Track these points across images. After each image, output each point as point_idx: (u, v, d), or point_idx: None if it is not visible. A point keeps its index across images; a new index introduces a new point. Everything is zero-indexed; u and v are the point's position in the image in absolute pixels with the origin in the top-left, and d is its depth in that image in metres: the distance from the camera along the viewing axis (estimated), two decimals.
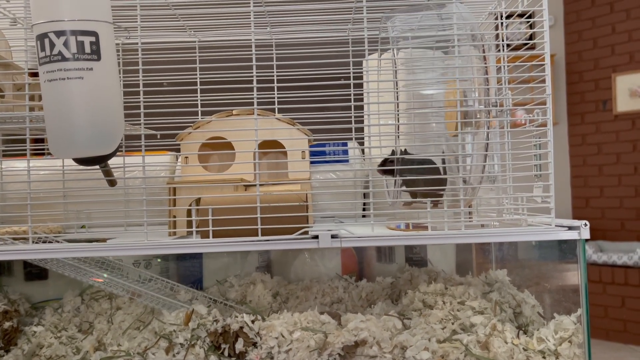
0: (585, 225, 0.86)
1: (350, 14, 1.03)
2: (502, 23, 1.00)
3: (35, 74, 0.88)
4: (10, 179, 1.11)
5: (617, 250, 3.31)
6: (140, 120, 0.94)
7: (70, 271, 1.02)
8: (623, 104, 3.52)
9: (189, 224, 0.96)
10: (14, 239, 0.90)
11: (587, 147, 3.70)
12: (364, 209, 1.23)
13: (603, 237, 3.57)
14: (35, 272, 1.18)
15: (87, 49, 0.76)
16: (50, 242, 0.92)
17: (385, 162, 0.98)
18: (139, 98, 0.93)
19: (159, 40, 1.09)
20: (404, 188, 0.97)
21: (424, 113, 0.98)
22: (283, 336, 0.88)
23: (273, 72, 1.03)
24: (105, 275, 1.04)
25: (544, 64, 0.89)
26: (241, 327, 0.89)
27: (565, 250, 0.98)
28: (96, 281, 1.04)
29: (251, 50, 0.92)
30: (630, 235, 3.48)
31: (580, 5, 3.69)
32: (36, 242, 0.90)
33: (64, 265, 1.02)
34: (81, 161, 0.84)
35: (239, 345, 0.88)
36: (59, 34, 0.75)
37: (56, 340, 0.99)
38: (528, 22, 3.43)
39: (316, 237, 0.86)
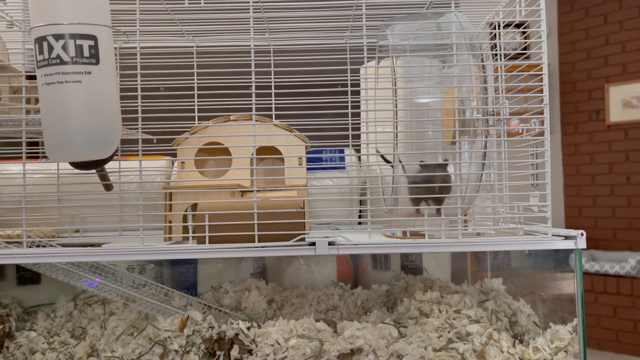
0: (582, 234, 0.86)
1: (349, 21, 1.03)
2: (499, 32, 1.01)
3: (31, 77, 0.87)
4: (4, 182, 1.10)
5: (610, 260, 3.33)
6: (137, 124, 0.93)
7: (64, 276, 1.01)
8: (616, 114, 3.55)
9: (185, 229, 0.96)
10: (8, 242, 0.89)
11: (580, 157, 3.72)
12: (359, 216, 1.23)
13: (595, 246, 3.58)
14: (27, 276, 1.16)
15: (86, 53, 0.76)
16: (44, 246, 0.91)
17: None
18: (137, 102, 0.93)
19: (157, 44, 1.08)
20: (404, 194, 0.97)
21: (421, 121, 0.98)
22: (279, 343, 0.88)
23: (271, 78, 1.03)
24: (98, 280, 1.03)
25: (541, 74, 0.90)
26: (236, 334, 0.89)
27: (560, 259, 0.98)
28: (91, 284, 1.03)
29: (249, 56, 0.92)
30: (623, 245, 3.50)
31: (574, 16, 3.73)
32: (30, 246, 0.89)
33: (58, 270, 1.01)
34: (78, 165, 0.84)
35: (234, 352, 0.87)
36: (58, 37, 0.75)
37: (48, 346, 0.98)
38: (524, 32, 3.45)
39: (313, 244, 0.86)
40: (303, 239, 0.87)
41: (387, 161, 1.03)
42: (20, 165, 0.91)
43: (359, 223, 1.21)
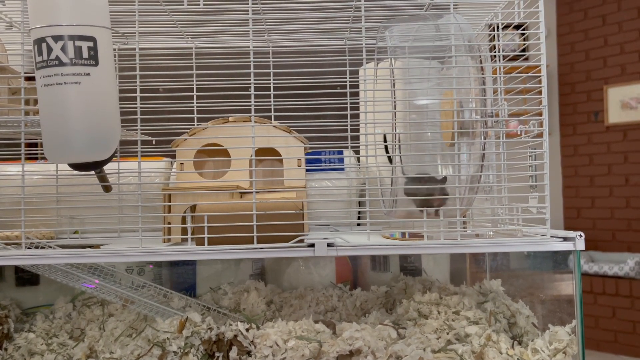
0: (580, 236, 0.86)
1: (348, 23, 1.04)
2: (498, 34, 1.01)
3: (30, 78, 0.87)
4: (3, 183, 1.10)
5: (608, 261, 3.33)
6: (136, 125, 0.93)
7: (62, 277, 1.01)
8: (614, 115, 3.55)
9: (184, 230, 0.96)
10: (6, 244, 0.89)
11: (578, 158, 3.73)
12: (358, 218, 1.23)
13: (594, 247, 3.59)
14: (26, 277, 1.16)
15: (85, 54, 0.76)
16: (42, 247, 0.91)
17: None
18: (136, 104, 0.93)
19: (156, 46, 1.09)
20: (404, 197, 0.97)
21: (420, 123, 0.98)
22: (277, 345, 0.88)
23: (270, 79, 1.03)
24: (97, 281, 1.03)
25: (540, 75, 0.90)
26: (235, 336, 0.89)
27: (559, 260, 0.98)
28: (90, 285, 1.03)
29: (248, 58, 0.92)
30: (621, 246, 3.50)
31: (573, 17, 3.73)
32: (29, 248, 0.89)
33: (56, 271, 1.01)
34: (77, 166, 0.83)
35: (233, 354, 0.87)
36: (57, 38, 0.75)
37: (47, 347, 0.98)
38: (522, 33, 3.46)
39: (312, 245, 0.86)
40: (302, 241, 0.87)
41: (390, 158, 1.03)
42: (19, 166, 0.91)
43: (358, 224, 1.22)
